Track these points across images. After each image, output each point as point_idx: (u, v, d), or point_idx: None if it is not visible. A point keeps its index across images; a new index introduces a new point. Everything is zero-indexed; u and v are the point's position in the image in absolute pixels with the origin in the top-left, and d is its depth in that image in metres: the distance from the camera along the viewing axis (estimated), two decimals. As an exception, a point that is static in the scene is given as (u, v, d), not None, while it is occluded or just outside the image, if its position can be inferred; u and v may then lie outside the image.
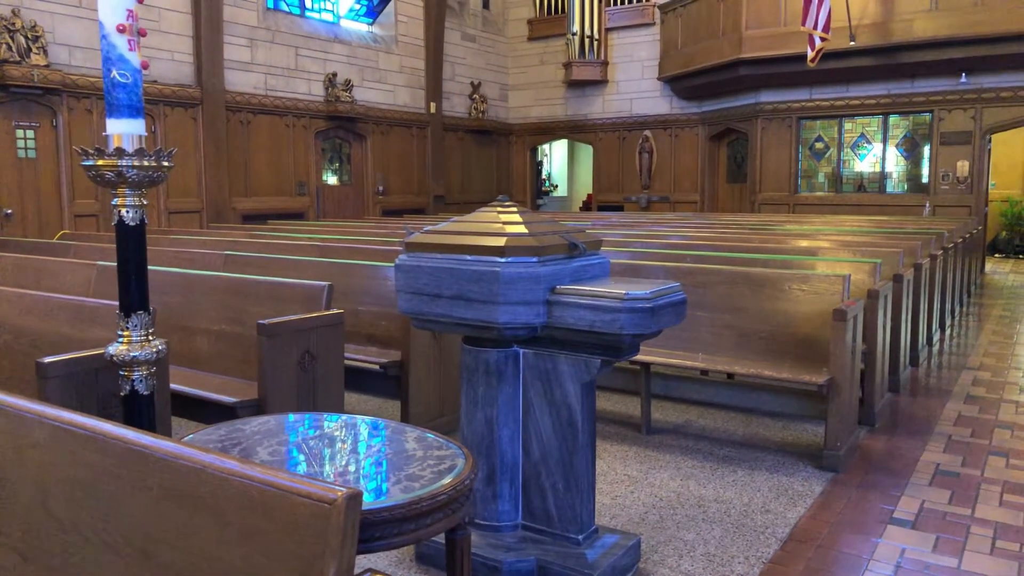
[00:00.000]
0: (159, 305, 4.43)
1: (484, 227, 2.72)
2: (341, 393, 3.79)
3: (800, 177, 13.64)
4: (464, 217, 2.86)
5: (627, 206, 15.80)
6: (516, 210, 2.83)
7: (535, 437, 2.85)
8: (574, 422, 2.75)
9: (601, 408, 5.02)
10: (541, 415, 2.83)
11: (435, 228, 2.83)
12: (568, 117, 16.52)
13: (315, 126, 12.77)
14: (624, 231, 8.08)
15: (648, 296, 2.46)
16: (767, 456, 4.15)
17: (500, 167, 17.13)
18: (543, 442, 2.83)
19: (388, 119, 14.06)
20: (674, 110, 15.31)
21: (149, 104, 10.33)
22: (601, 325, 2.50)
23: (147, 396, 2.69)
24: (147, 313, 2.68)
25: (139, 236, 2.65)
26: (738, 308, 4.46)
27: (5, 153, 9.06)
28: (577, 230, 2.88)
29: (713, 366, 4.19)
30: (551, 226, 2.80)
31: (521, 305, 2.58)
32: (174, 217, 10.80)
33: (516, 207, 2.87)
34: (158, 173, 2.61)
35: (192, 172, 11.01)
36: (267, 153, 12.06)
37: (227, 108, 11.35)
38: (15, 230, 9.14)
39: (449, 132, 15.50)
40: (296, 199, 12.59)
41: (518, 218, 2.75)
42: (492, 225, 2.72)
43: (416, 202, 14.75)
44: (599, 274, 2.83)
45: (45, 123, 9.40)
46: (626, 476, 3.85)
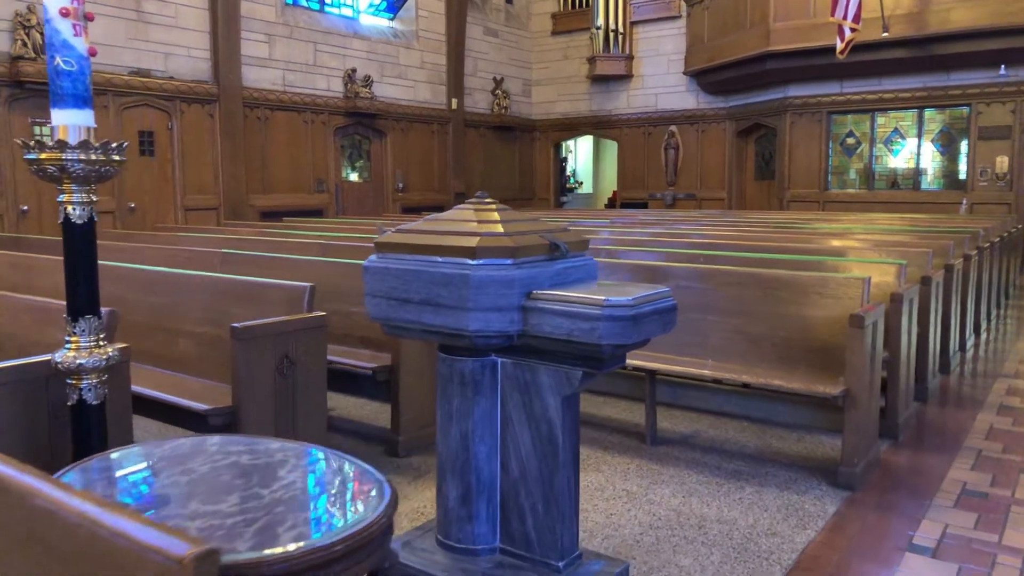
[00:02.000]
0: (143, 305, 4.30)
1: (457, 226, 2.51)
2: (323, 401, 3.61)
3: (830, 174, 13.22)
4: (439, 215, 2.65)
5: (652, 203, 15.48)
6: (495, 208, 2.61)
7: (514, 454, 2.63)
8: (554, 438, 2.53)
9: (605, 415, 4.78)
10: (520, 430, 2.61)
11: (407, 227, 2.63)
12: (592, 112, 16.24)
13: (334, 122, 12.66)
14: (639, 229, 7.82)
15: (630, 303, 2.23)
16: (779, 471, 3.88)
17: (523, 164, 16.91)
18: (522, 459, 2.61)
19: (408, 115, 13.91)
20: (700, 105, 14.94)
21: (165, 100, 10.30)
22: (579, 334, 2.28)
23: (96, 406, 2.53)
24: (97, 317, 2.52)
25: (88, 235, 2.48)
26: (749, 312, 4.20)
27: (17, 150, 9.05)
28: (561, 229, 2.65)
29: (722, 374, 3.93)
30: (531, 225, 2.57)
31: (493, 311, 2.36)
32: (191, 214, 10.76)
33: (495, 204, 2.66)
34: (106, 168, 2.44)
35: (209, 169, 10.95)
36: (285, 150, 11.98)
37: (245, 104, 11.28)
38: (31, 226, 9.15)
39: (471, 128, 15.31)
40: (315, 196, 12.49)
41: (495, 216, 2.53)
42: (466, 224, 2.50)
43: (437, 199, 14.58)
44: (583, 277, 2.60)
45: (61, 120, 9.38)
46: (624, 492, 3.61)
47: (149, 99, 10.17)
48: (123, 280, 4.40)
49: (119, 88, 9.81)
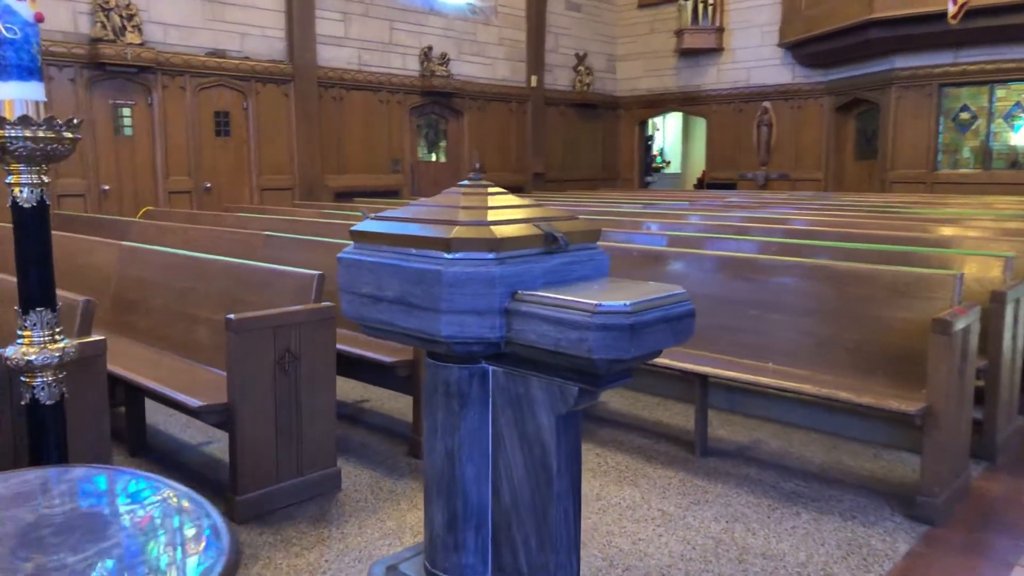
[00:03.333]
0: (167, 289, 4.16)
1: (439, 213, 2.16)
2: (332, 399, 3.35)
3: (941, 152, 12.08)
4: (426, 200, 2.31)
5: (742, 184, 14.63)
6: (487, 191, 2.25)
7: (506, 477, 2.27)
8: (548, 464, 2.15)
9: (655, 419, 4.35)
10: (512, 451, 2.25)
11: (388, 213, 2.30)
12: (679, 88, 15.46)
13: (410, 101, 12.48)
14: (725, 213, 7.25)
15: (626, 309, 1.83)
16: (845, 495, 3.37)
17: (606, 143, 16.32)
18: (514, 485, 2.25)
19: (486, 94, 13.59)
20: (796, 79, 13.95)
21: (240, 81, 10.35)
22: (567, 345, 1.89)
23: (52, 407, 2.32)
24: (51, 310, 2.31)
25: (39, 220, 2.26)
26: (820, 310, 3.68)
27: (103, 130, 9.27)
28: (568, 217, 2.26)
29: (780, 381, 3.44)
30: (527, 212, 2.19)
31: (471, 315, 2.00)
32: (266, 194, 10.81)
33: (489, 186, 2.30)
34: (54, 146, 2.21)
35: (284, 149, 10.97)
36: (360, 129, 11.89)
37: (319, 84, 11.22)
38: (112, 206, 9.36)
39: (551, 106, 14.86)
40: (390, 176, 12.38)
41: (484, 202, 2.17)
42: (449, 211, 2.15)
43: (514, 180, 14.23)
44: (588, 274, 2.20)
45: (141, 101, 9.56)
46: (660, 512, 3.20)
47: (225, 80, 10.23)
48: (148, 263, 4.28)
49: (196, 69, 9.90)
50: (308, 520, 3.10)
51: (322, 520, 3.11)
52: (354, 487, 3.42)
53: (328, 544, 2.92)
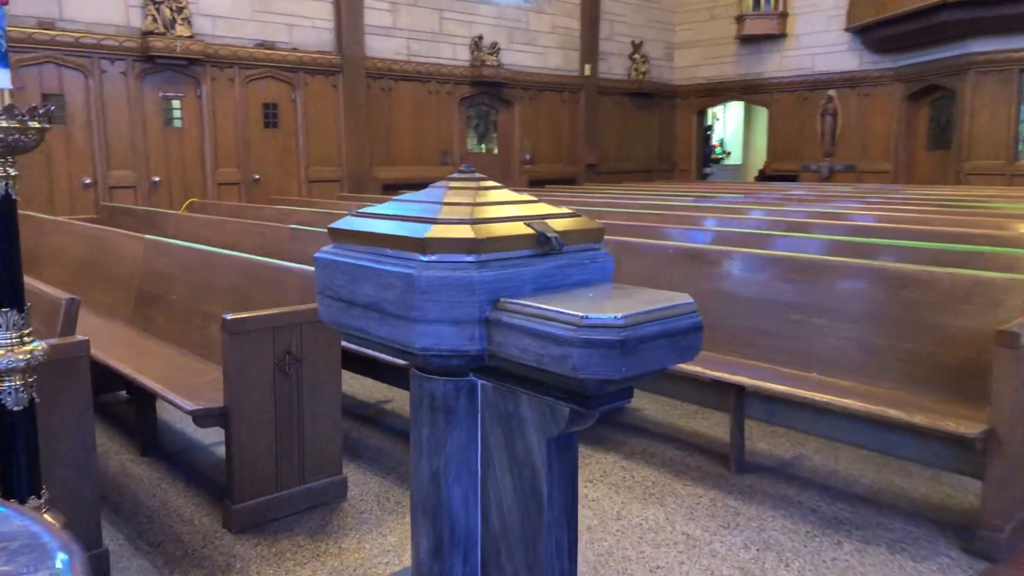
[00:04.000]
0: (184, 284, 4.06)
1: (420, 209, 1.94)
2: (336, 403, 3.18)
3: (1021, 142, 11.29)
4: (410, 195, 2.09)
5: (804, 176, 14.02)
6: (476, 185, 2.02)
7: (495, 502, 2.05)
8: (538, 490, 1.92)
9: (691, 429, 4.06)
10: (501, 473, 2.02)
11: (368, 210, 2.09)
12: (740, 76, 14.90)
13: (459, 92, 12.32)
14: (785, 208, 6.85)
15: (616, 322, 1.57)
16: (895, 522, 3.04)
17: (663, 133, 15.86)
18: (503, 511, 2.03)
19: (537, 83, 13.32)
20: (864, 65, 13.26)
21: (289, 72, 10.34)
22: (550, 362, 1.65)
23: (19, 412, 2.20)
24: (18, 310, 2.18)
25: (6, 215, 2.13)
26: (870, 316, 3.34)
27: (153, 122, 9.37)
28: (569, 214, 2.01)
29: (823, 396, 3.11)
30: (518, 209, 1.96)
31: (447, 324, 1.78)
32: (314, 186, 10.80)
33: (482, 179, 2.06)
34: (17, 136, 2.08)
35: (332, 141, 10.94)
36: (409, 121, 11.78)
37: (368, 75, 11.14)
38: (161, 197, 9.46)
39: (605, 96, 14.49)
40: (439, 168, 12.23)
41: (468, 197, 1.94)
42: (429, 207, 1.93)
43: (566, 171, 13.95)
44: (589, 279, 1.95)
45: (190, 93, 9.62)
46: (684, 536, 2.92)
47: (273, 71, 10.23)
48: (168, 258, 4.20)
49: (244, 61, 9.92)
50: (307, 532, 2.94)
51: (321, 533, 2.94)
52: (361, 496, 3.25)
53: (323, 559, 2.75)
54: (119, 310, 4.53)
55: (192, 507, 3.16)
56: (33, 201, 8.43)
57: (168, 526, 3.00)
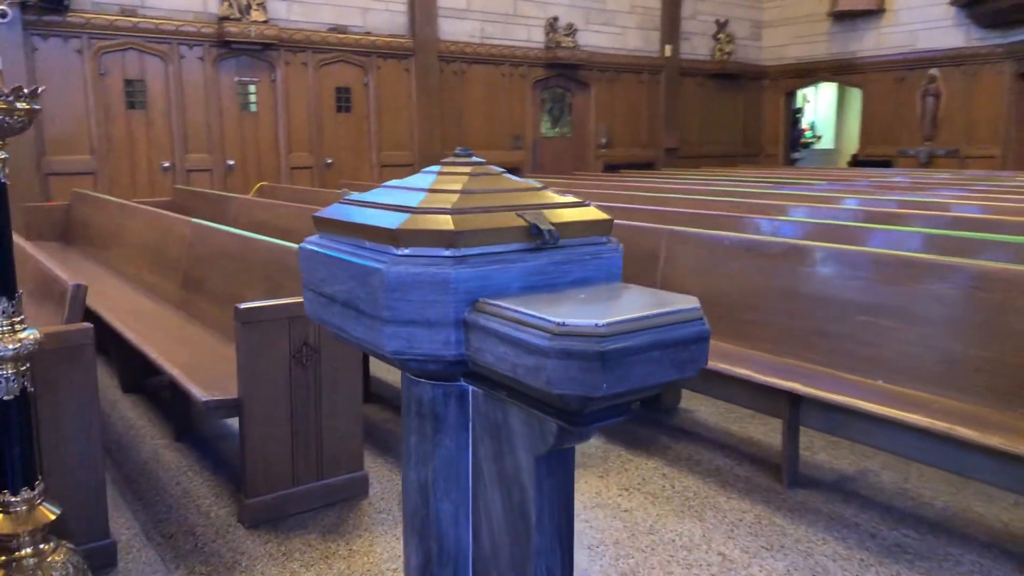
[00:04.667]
0: (223, 270, 4.03)
1: (402, 196, 1.76)
2: (357, 396, 3.06)
3: None
4: (399, 181, 1.91)
5: (901, 161, 13.14)
6: (469, 169, 1.82)
7: (485, 520, 1.86)
8: (526, 512, 1.72)
9: (745, 435, 3.77)
10: (491, 489, 1.83)
11: (355, 196, 1.93)
12: (832, 56, 14.06)
13: (533, 75, 12.07)
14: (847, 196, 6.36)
15: (597, 330, 1.35)
16: (966, 554, 2.69)
17: (748, 116, 15.17)
18: (493, 529, 1.84)
19: (615, 65, 12.93)
20: (972, 42, 12.27)
21: (361, 56, 10.34)
22: (524, 373, 1.45)
23: (12, 402, 2.15)
24: (8, 299, 2.12)
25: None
26: (948, 319, 2.97)
27: (229, 106, 9.54)
28: (575, 203, 1.79)
29: (886, 409, 2.78)
30: (516, 197, 1.75)
31: (420, 326, 1.59)
32: (385, 171, 10.80)
33: (479, 163, 1.86)
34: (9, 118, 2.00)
35: (404, 125, 10.90)
36: (481, 104, 11.62)
37: (440, 58, 11.04)
38: (236, 181, 9.64)
39: (687, 77, 13.95)
40: (511, 153, 12.06)
41: (457, 183, 1.74)
42: (411, 194, 1.75)
43: (644, 156, 13.53)
44: (591, 276, 1.72)
45: (264, 77, 9.75)
46: (720, 557, 2.67)
47: (346, 55, 10.25)
48: (210, 242, 4.17)
49: (317, 45, 9.97)
50: (320, 530, 2.84)
51: (335, 531, 2.83)
52: (382, 494, 3.13)
53: (331, 561, 2.64)
54: (169, 293, 4.56)
55: (212, 498, 3.10)
56: (117, 184, 8.72)
57: (184, 517, 2.95)
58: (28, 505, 2.22)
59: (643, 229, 4.20)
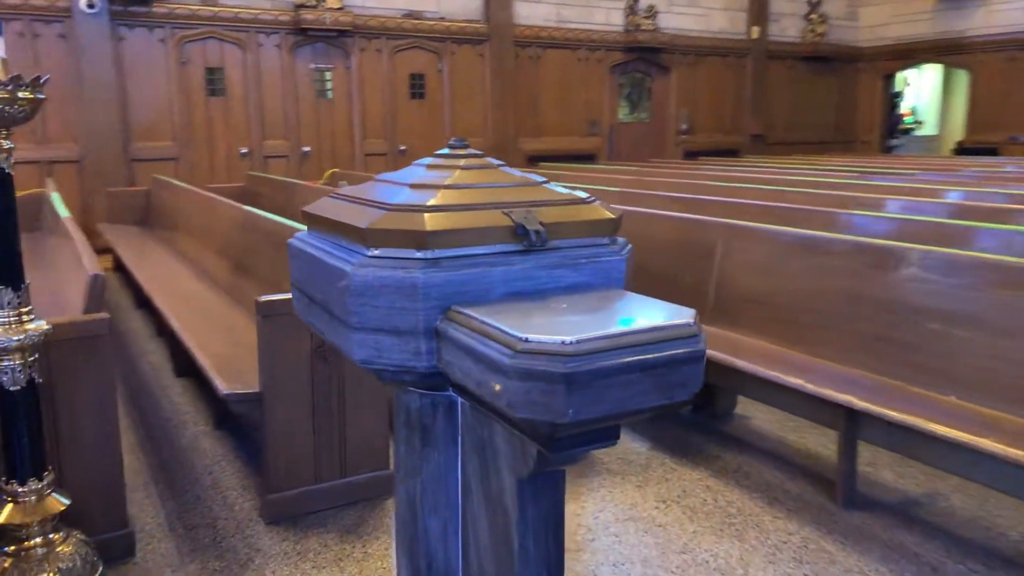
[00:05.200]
0: (267, 259, 4.01)
1: (385, 192, 1.64)
2: (382, 393, 2.96)
3: None
4: (390, 174, 1.78)
5: (1011, 149, 12.18)
6: (460, 163, 1.67)
7: (473, 541, 1.72)
8: (509, 537, 1.57)
9: (801, 446, 3.49)
10: (479, 509, 1.69)
11: (347, 191, 1.81)
12: (936, 35, 13.13)
13: (611, 59, 11.76)
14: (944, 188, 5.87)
15: (565, 348, 1.19)
16: (1042, 597, 2.39)
17: (842, 101, 14.38)
18: (480, 553, 1.70)
19: (698, 48, 12.45)
20: (1096, 18, 11.22)
21: (435, 42, 10.28)
22: (488, 393, 1.30)
23: (19, 392, 2.15)
24: (14, 289, 2.11)
25: (1, 188, 2.06)
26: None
27: (305, 93, 9.66)
28: (569, 200, 1.62)
29: (948, 428, 2.49)
30: (506, 193, 1.59)
31: (388, 334, 1.46)
32: (458, 157, 10.73)
33: (473, 155, 1.72)
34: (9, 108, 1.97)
35: (477, 111, 10.82)
36: (556, 90, 11.41)
37: (515, 43, 10.88)
38: (311, 168, 9.78)
39: (775, 60, 13.32)
40: (586, 139, 11.81)
41: (443, 178, 1.60)
42: (392, 189, 1.62)
43: (727, 142, 13.01)
44: (589, 282, 1.55)
45: (339, 64, 9.83)
46: (755, 584, 2.45)
47: (420, 41, 10.22)
48: (258, 229, 4.17)
49: (392, 31, 9.98)
50: (339, 530, 2.77)
51: (353, 532, 2.75)
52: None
53: (344, 564, 2.56)
54: (222, 279, 4.61)
55: (239, 490, 3.08)
56: (197, 170, 8.98)
57: (209, 508, 2.94)
58: (37, 495, 2.22)
59: (699, 222, 3.95)
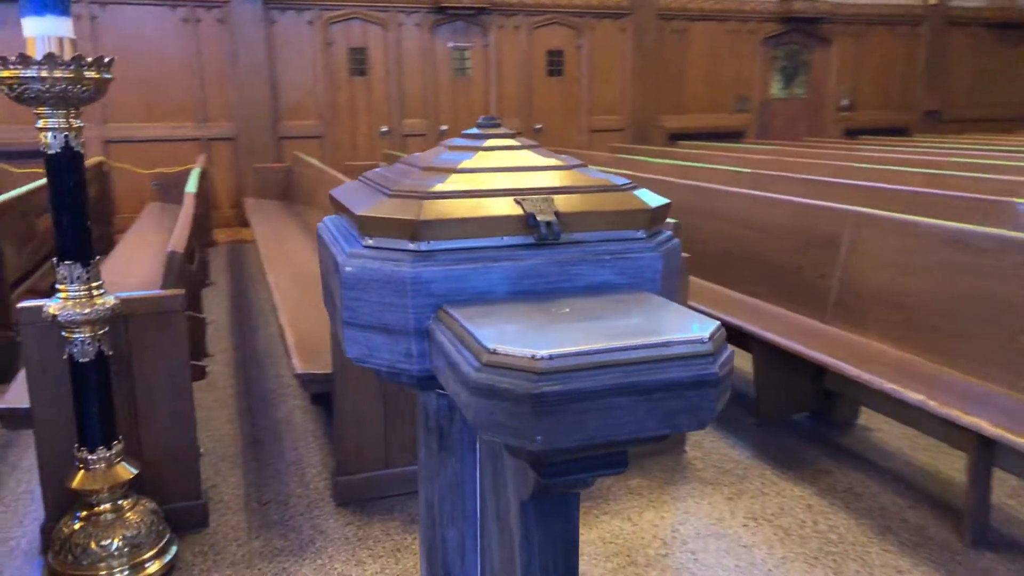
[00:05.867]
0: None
1: (398, 173, 1.51)
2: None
3: None
4: (412, 156, 1.65)
5: None
6: (484, 143, 1.51)
7: (488, 556, 1.59)
8: (512, 558, 1.42)
9: (931, 469, 3.06)
10: (491, 524, 1.55)
11: (370, 173, 1.70)
12: None
13: (764, 31, 11.01)
14: None
15: (537, 364, 1.00)
16: None
17: (1036, 73, 12.75)
18: (495, 567, 1.56)
19: (864, 17, 11.41)
20: None
21: (575, 17, 10.04)
22: (462, 406, 1.15)
23: (87, 364, 2.22)
24: (83, 264, 2.18)
25: (67, 168, 2.11)
26: None
27: (444, 72, 9.75)
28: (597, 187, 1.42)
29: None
30: (524, 178, 1.41)
31: (379, 332, 1.33)
32: (595, 136, 10.50)
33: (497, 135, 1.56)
34: (69, 87, 2.01)
35: (616, 88, 10.49)
36: (702, 65, 10.85)
37: (659, 17, 10.43)
38: (448, 146, 9.86)
39: (955, 28, 11.98)
40: (734, 116, 11.17)
41: (459, 160, 1.45)
42: (403, 172, 1.49)
43: (895, 120, 11.89)
44: (611, 282, 1.35)
45: (477, 42, 9.82)
46: (843, 627, 2.14)
47: (559, 17, 10.02)
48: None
49: (530, 7, 9.84)
50: (404, 519, 2.71)
51: (417, 523, 2.68)
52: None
53: (399, 556, 2.50)
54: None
55: (318, 468, 3.11)
56: (339, 147, 9.31)
57: (286, 486, 2.97)
58: (106, 463, 2.31)
59: (823, 209, 3.54)
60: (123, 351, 2.45)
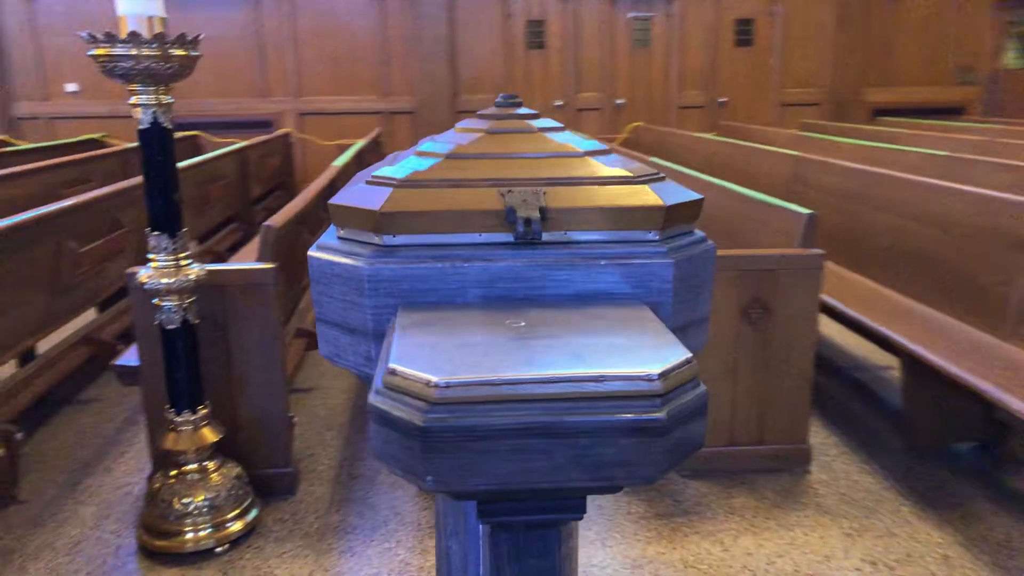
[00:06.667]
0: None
1: (398, 159, 1.39)
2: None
3: None
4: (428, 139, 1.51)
5: None
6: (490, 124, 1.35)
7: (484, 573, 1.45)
8: (484, 597, 1.27)
9: None
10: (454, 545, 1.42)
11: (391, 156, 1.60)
12: None
13: (999, -10, 9.56)
14: None
15: (429, 392, 0.85)
16: None
17: None
18: (480, 599, 1.42)
19: None
20: None
21: (768, -19, 9.27)
22: (376, 430, 1.01)
23: (175, 331, 2.33)
24: (171, 235, 2.26)
25: (156, 143, 2.20)
26: None
27: (622, 44, 9.42)
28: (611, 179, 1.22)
29: None
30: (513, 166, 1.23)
31: (343, 331, 1.23)
32: (787, 111, 9.69)
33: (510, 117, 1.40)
34: (156, 64, 2.07)
35: (814, 59, 9.59)
36: (917, 30, 9.63)
37: (869, -22, 9.38)
38: (624, 120, 9.56)
39: None
40: (954, 89, 9.84)
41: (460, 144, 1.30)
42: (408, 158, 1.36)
43: None
44: (606, 290, 1.16)
45: (660, 11, 9.38)
46: None
47: (752, -18, 9.30)
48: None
49: (722, -26, 9.22)
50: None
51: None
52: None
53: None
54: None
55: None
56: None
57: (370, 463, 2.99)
58: (193, 426, 2.42)
59: (1012, 204, 2.94)
60: (219, 320, 2.55)
